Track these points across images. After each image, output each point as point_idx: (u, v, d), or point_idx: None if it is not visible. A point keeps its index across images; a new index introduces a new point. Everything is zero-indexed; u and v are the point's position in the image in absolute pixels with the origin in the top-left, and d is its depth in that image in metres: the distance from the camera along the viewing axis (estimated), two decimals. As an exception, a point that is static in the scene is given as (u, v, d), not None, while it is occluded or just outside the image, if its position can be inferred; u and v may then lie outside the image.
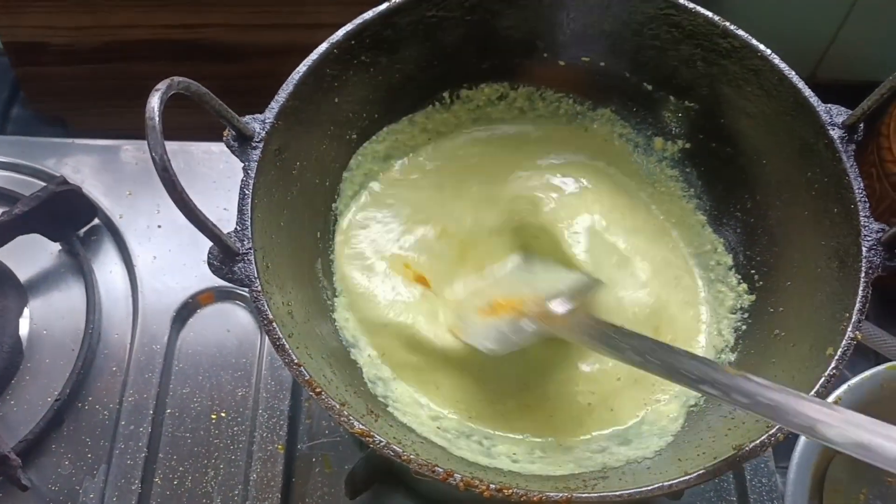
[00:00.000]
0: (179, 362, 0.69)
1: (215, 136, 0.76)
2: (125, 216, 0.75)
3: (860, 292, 0.49)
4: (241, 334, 0.71)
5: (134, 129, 0.79)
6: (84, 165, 0.78)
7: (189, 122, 0.65)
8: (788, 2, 0.94)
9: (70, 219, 0.73)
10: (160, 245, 0.74)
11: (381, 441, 0.44)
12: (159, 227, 0.75)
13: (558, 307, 0.55)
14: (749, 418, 0.50)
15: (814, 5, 0.94)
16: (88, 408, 0.67)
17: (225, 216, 0.73)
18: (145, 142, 0.79)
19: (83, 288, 0.71)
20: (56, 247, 0.74)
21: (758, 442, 0.45)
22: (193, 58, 0.90)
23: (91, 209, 0.74)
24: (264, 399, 0.67)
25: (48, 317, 0.71)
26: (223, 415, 0.67)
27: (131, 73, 0.91)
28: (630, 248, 0.63)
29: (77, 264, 0.72)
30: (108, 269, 0.73)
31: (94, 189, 0.76)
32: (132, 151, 0.80)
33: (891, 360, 0.71)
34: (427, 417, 0.56)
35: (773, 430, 0.45)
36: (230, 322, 0.71)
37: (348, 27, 0.58)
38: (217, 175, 0.77)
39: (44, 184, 0.71)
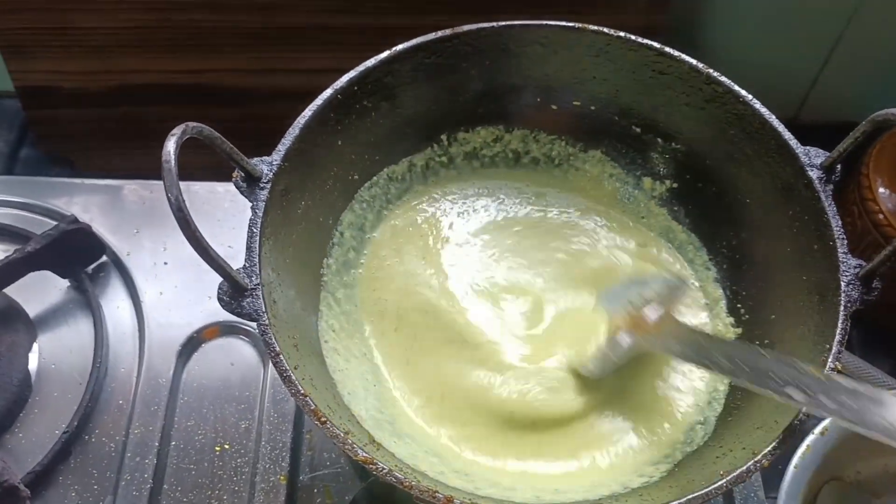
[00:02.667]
0: (184, 396, 0.71)
1: (220, 177, 0.79)
2: (132, 253, 0.78)
3: (839, 325, 0.51)
4: (244, 368, 0.73)
5: (140, 170, 0.82)
6: (92, 204, 0.81)
7: (192, 162, 0.67)
8: (771, 47, 0.98)
9: (79, 256, 0.75)
10: (166, 281, 0.76)
11: (384, 468, 0.46)
12: (165, 263, 0.77)
13: (651, 313, 0.58)
14: (736, 447, 0.52)
15: (795, 50, 0.98)
16: (95, 440, 0.68)
17: (230, 253, 0.75)
18: (151, 181, 0.83)
19: (91, 323, 0.73)
20: (65, 283, 0.76)
21: (743, 468, 0.47)
22: (198, 101, 0.93)
23: (100, 247, 0.76)
24: (267, 431, 0.69)
25: (57, 352, 0.72)
26: (227, 447, 0.68)
27: (138, 117, 0.94)
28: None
29: (85, 300, 0.74)
30: (115, 304, 0.75)
31: (103, 227, 0.78)
32: (139, 191, 0.82)
33: (875, 392, 0.73)
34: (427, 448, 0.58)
35: (759, 457, 0.47)
36: (234, 356, 0.73)
37: (351, 74, 0.61)
38: (222, 214, 0.80)
39: (54, 222, 0.74)
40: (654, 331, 0.56)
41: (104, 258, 0.77)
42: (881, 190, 0.83)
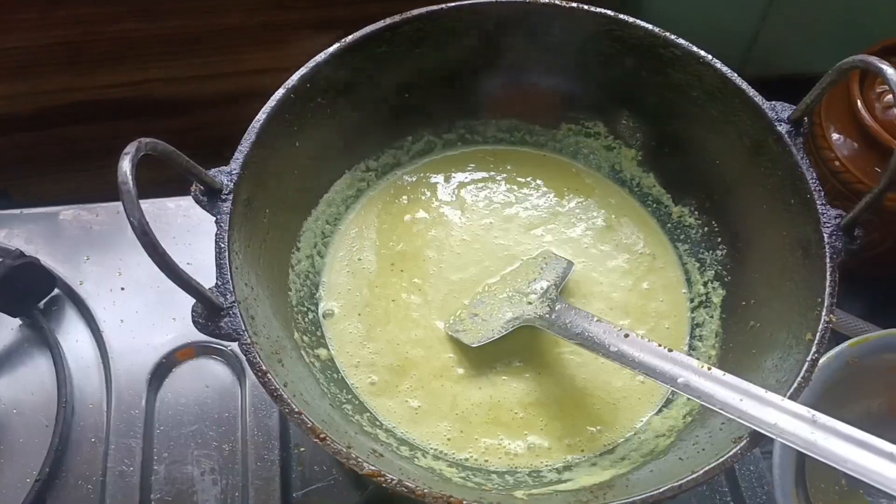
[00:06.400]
0: (161, 424, 0.67)
1: (169, 192, 0.76)
2: (86, 282, 0.74)
3: (828, 277, 0.51)
4: (220, 389, 0.70)
5: (81, 193, 0.78)
6: (36, 235, 0.76)
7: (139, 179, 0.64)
8: (709, 6, 0.98)
9: (30, 291, 0.71)
10: (126, 307, 0.73)
11: (392, 479, 0.44)
12: (122, 289, 0.73)
13: (536, 290, 0.59)
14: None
15: (733, 8, 0.99)
16: (71, 484, 0.64)
17: (190, 271, 0.72)
18: (96, 205, 0.79)
19: (50, 361, 0.69)
20: (16, 322, 0.71)
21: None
22: (136, 115, 0.89)
23: (50, 279, 0.72)
24: (253, 451, 0.66)
25: (16, 395, 0.68)
26: (213, 473, 0.65)
27: (73, 137, 0.90)
28: (606, 254, 0.66)
29: (41, 337, 0.70)
30: (73, 338, 0.71)
31: (50, 258, 0.74)
32: (84, 216, 0.78)
33: (852, 337, 0.74)
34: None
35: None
36: (207, 377, 0.70)
37: (302, 71, 0.58)
38: (176, 230, 0.77)
39: (-1, 259, 0.69)
40: (539, 309, 0.58)
41: (56, 291, 0.73)
42: (835, 136, 0.83)
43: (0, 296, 0.68)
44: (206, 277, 0.49)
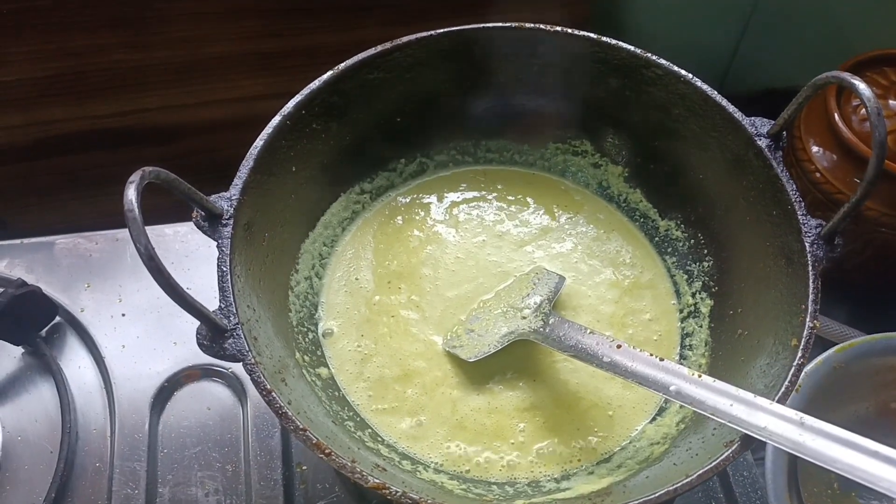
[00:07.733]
0: (164, 447, 0.68)
1: (166, 219, 0.77)
2: (87, 309, 0.75)
3: (811, 285, 0.53)
4: (221, 410, 0.71)
5: (79, 221, 0.79)
6: (37, 265, 0.77)
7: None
8: (691, 25, 1.01)
9: (32, 320, 0.72)
10: (127, 333, 0.74)
11: (397, 491, 0.45)
12: (123, 315, 0.75)
13: (529, 305, 0.60)
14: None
15: (714, 26, 1.02)
16: (77, 509, 0.65)
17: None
18: (95, 233, 0.80)
19: (53, 388, 0.70)
20: (19, 350, 0.72)
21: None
22: (131, 143, 0.91)
23: (51, 307, 0.73)
24: (256, 471, 0.67)
25: (21, 422, 0.69)
26: (218, 494, 0.66)
27: (69, 166, 0.91)
28: (595, 268, 0.67)
29: (44, 365, 0.71)
30: (76, 364, 0.72)
31: (51, 287, 0.75)
32: (83, 244, 0.79)
33: (838, 343, 0.76)
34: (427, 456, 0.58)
35: (757, 423, 0.48)
36: (209, 399, 0.71)
37: (298, 98, 0.60)
38: (174, 257, 0.78)
39: (1, 289, 0.70)
40: (531, 323, 0.59)
41: (57, 319, 0.74)
42: (815, 149, 0.86)
43: (2, 325, 0.69)
44: (206, 301, 0.50)
